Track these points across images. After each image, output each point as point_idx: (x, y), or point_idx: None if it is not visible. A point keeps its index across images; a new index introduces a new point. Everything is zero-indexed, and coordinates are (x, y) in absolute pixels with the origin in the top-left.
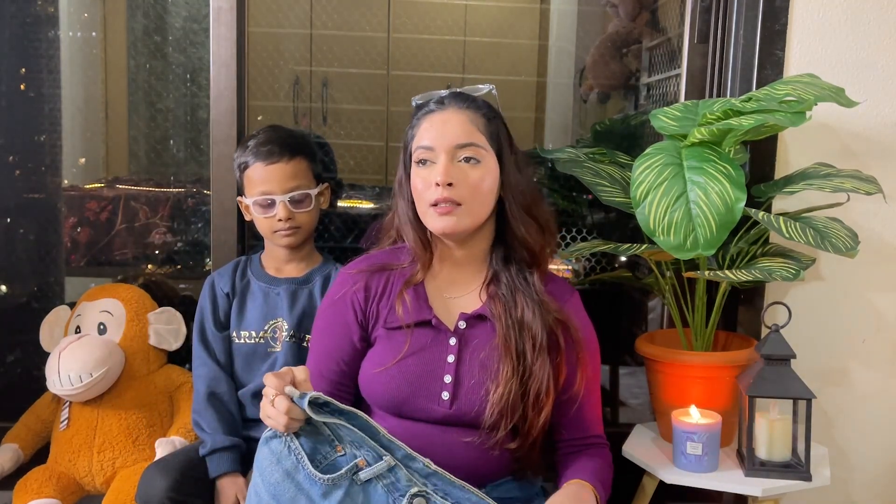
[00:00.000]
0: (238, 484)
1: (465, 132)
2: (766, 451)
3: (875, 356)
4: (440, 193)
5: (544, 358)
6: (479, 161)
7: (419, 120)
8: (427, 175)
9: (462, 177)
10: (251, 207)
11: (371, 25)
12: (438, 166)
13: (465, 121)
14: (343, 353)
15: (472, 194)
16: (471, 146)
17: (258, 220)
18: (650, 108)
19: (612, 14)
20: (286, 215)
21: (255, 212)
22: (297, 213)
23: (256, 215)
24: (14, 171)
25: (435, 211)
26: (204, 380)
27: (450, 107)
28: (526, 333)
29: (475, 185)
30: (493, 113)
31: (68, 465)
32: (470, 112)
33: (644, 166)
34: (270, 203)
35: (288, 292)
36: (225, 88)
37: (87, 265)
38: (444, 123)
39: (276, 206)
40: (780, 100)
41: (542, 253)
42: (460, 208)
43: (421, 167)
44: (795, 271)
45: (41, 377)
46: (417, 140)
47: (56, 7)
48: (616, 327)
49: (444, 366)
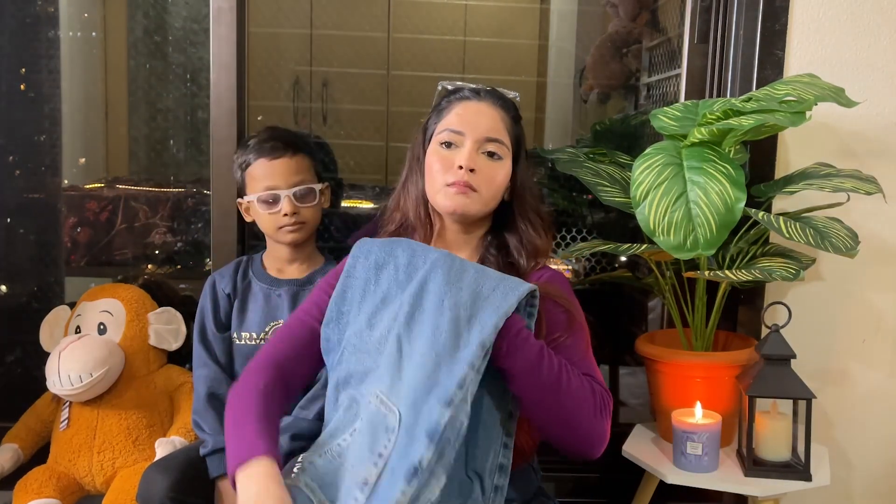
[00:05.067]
0: None
1: (495, 128)
2: (766, 451)
3: (875, 356)
4: (461, 176)
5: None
6: (500, 158)
7: (451, 103)
8: (450, 156)
9: (483, 167)
10: (254, 205)
11: (371, 25)
12: (464, 151)
13: (496, 117)
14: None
15: (488, 185)
16: (497, 142)
17: (262, 218)
18: (650, 108)
19: (612, 14)
20: (291, 209)
21: (259, 209)
22: (302, 207)
23: (260, 212)
24: (14, 171)
25: (451, 189)
26: (204, 381)
27: (486, 99)
28: None
29: (492, 177)
30: (519, 117)
31: (68, 465)
32: (501, 111)
33: (644, 166)
34: (275, 199)
35: (289, 294)
36: (225, 88)
37: (87, 265)
38: (477, 113)
39: (281, 200)
40: (780, 100)
41: (546, 252)
42: (475, 193)
43: (444, 148)
44: (795, 271)
45: (41, 377)
46: (447, 122)
47: (56, 7)
48: (616, 327)
49: None
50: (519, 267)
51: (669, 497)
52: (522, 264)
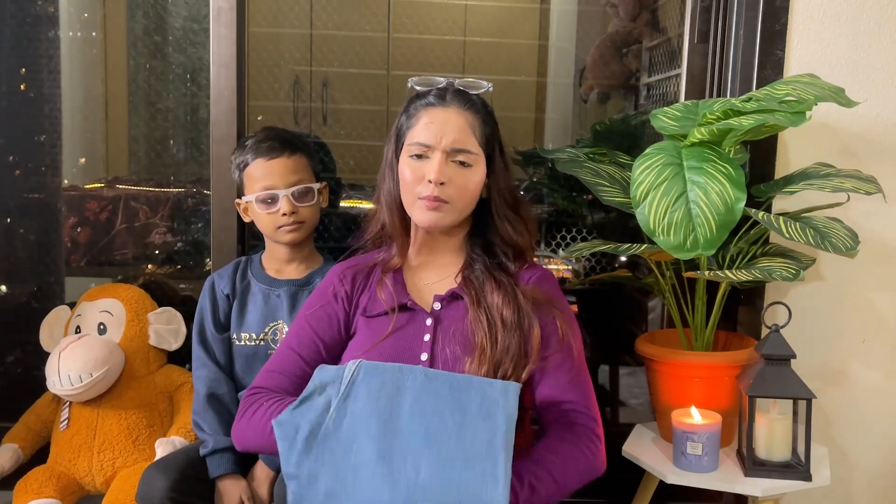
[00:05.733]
0: (240, 485)
1: (463, 137)
2: (766, 451)
3: (875, 356)
4: (431, 190)
5: (516, 333)
6: (471, 165)
7: (418, 111)
8: (420, 168)
9: (453, 176)
10: (253, 205)
11: (371, 25)
12: (433, 163)
13: (464, 125)
14: (324, 339)
15: (461, 195)
16: (465, 152)
17: (260, 218)
18: (650, 108)
19: (612, 14)
20: (290, 209)
21: (257, 209)
22: (300, 206)
23: (259, 212)
24: (14, 171)
25: (423, 203)
26: (204, 381)
27: (451, 105)
28: (496, 312)
29: (464, 186)
30: (490, 115)
31: (68, 465)
32: (470, 114)
33: (644, 166)
34: (273, 198)
35: (288, 294)
36: (225, 88)
37: (87, 265)
38: (443, 124)
39: (280, 200)
40: (780, 100)
41: (529, 249)
42: (447, 206)
43: (414, 160)
44: (795, 271)
45: (41, 377)
46: (415, 134)
47: (56, 7)
48: (616, 327)
49: (421, 344)
50: (507, 268)
51: (669, 497)
52: (509, 266)
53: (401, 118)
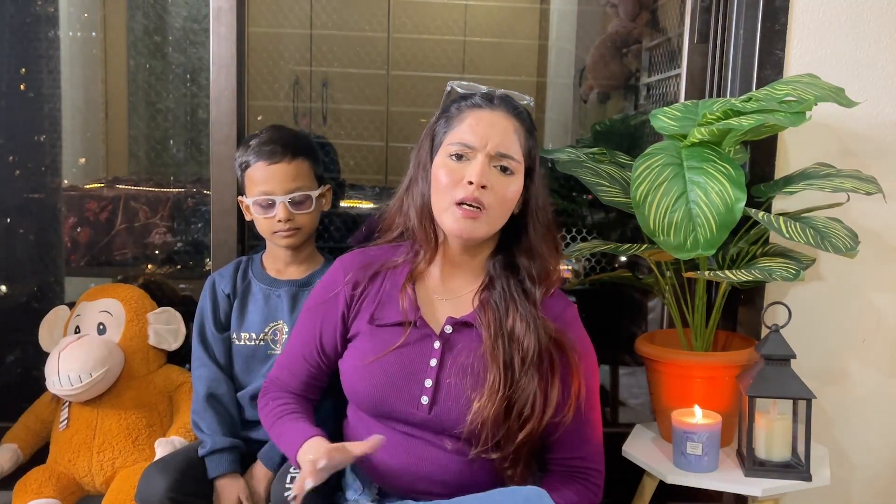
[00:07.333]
0: (238, 484)
1: (508, 142)
2: (766, 451)
3: (875, 356)
4: (471, 192)
5: (533, 373)
6: (513, 173)
7: (462, 111)
8: (458, 170)
9: (494, 182)
10: (251, 207)
11: (371, 25)
12: (475, 165)
13: (510, 130)
14: (323, 340)
15: (499, 203)
16: (510, 158)
17: (258, 221)
18: (650, 108)
19: (612, 14)
20: (286, 216)
21: (255, 212)
22: (296, 214)
23: (256, 215)
24: (14, 171)
25: (459, 210)
26: (203, 381)
27: (499, 109)
28: (515, 345)
29: (503, 194)
30: (534, 128)
31: (68, 465)
32: (516, 121)
33: (644, 166)
34: (270, 203)
35: (289, 294)
36: (225, 88)
37: (87, 265)
38: (491, 126)
39: (276, 206)
40: (780, 100)
41: (556, 270)
42: (483, 214)
43: (454, 160)
44: (795, 271)
45: (41, 377)
46: (458, 133)
47: (56, 7)
48: (616, 327)
49: (426, 369)
50: (529, 293)
51: (669, 497)
52: (533, 290)
53: (439, 120)
